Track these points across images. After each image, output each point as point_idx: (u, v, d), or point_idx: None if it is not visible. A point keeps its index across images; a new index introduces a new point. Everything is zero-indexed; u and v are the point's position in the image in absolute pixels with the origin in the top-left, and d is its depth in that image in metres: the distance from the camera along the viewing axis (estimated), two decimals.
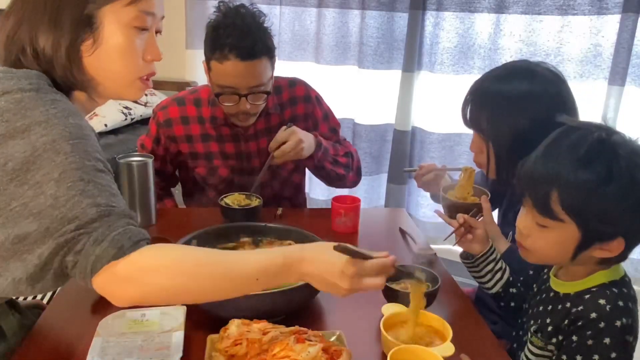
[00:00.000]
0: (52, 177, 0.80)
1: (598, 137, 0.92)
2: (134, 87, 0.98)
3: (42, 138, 0.82)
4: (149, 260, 0.82)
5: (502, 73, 1.34)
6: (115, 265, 0.80)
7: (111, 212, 0.83)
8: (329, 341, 0.97)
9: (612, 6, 2.20)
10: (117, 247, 0.80)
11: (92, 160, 0.84)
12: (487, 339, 1.11)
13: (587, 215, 0.91)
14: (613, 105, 2.23)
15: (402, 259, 1.37)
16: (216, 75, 1.54)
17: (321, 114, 1.79)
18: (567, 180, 0.91)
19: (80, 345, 1.01)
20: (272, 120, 1.71)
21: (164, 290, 0.83)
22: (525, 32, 2.38)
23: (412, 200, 2.82)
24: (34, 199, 0.80)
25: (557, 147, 0.95)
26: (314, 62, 2.77)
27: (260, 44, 1.50)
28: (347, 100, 2.75)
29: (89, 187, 0.82)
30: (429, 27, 2.55)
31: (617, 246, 0.93)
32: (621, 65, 2.18)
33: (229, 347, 0.94)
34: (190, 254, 0.87)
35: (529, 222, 0.99)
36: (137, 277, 0.81)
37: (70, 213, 0.80)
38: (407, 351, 0.94)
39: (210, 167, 1.72)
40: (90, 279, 0.81)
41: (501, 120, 1.28)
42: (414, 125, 2.72)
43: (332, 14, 2.68)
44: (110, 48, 0.92)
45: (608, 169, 0.89)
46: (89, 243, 0.80)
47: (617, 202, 0.90)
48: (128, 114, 2.84)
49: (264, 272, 0.86)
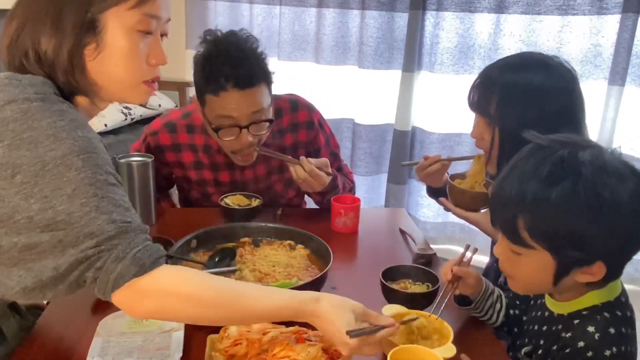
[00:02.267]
0: (65, 192, 0.80)
1: (560, 155, 0.84)
2: (138, 91, 0.97)
3: (51, 152, 0.81)
4: (169, 281, 0.85)
5: (517, 61, 1.30)
6: (136, 282, 0.82)
7: (128, 229, 0.83)
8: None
9: (612, 6, 2.20)
10: (138, 265, 0.82)
11: (104, 175, 0.84)
12: (487, 339, 1.11)
13: (557, 242, 0.84)
14: (613, 105, 2.23)
15: (402, 259, 1.37)
16: (213, 109, 1.44)
17: (323, 140, 1.73)
18: (531, 205, 0.84)
19: (80, 345, 1.01)
20: (270, 148, 1.60)
21: (179, 313, 0.87)
22: (525, 32, 2.38)
23: (412, 200, 2.83)
24: (40, 213, 0.80)
25: (520, 168, 0.87)
26: (314, 62, 2.77)
27: (258, 70, 1.43)
28: (347, 100, 2.76)
29: (103, 203, 0.82)
30: (429, 27, 2.55)
31: (599, 270, 0.86)
32: (621, 65, 2.18)
33: (229, 347, 0.94)
34: (210, 286, 0.88)
35: (504, 249, 0.92)
36: (157, 295, 0.84)
37: (86, 229, 0.80)
38: (407, 351, 0.93)
39: (204, 193, 1.68)
40: (111, 294, 0.83)
41: (510, 109, 1.24)
42: (414, 125, 2.72)
43: (332, 14, 2.69)
44: (113, 52, 0.90)
45: (573, 190, 0.81)
46: (110, 260, 0.81)
47: (587, 226, 0.82)
48: (128, 114, 2.84)
49: (277, 314, 0.90)
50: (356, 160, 2.83)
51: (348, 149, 2.85)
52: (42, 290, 0.83)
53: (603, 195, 0.80)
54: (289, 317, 0.90)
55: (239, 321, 0.94)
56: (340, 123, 2.83)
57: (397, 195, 2.78)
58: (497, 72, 1.29)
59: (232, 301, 0.88)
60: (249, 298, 0.88)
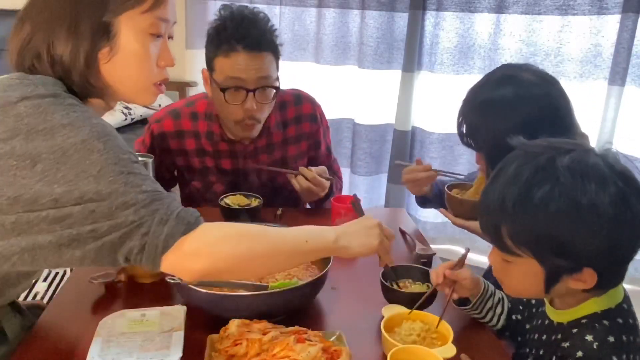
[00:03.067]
0: (90, 174, 0.82)
1: (538, 161, 0.84)
2: (148, 92, 1.00)
3: (70, 140, 0.83)
4: (214, 232, 0.89)
5: (487, 84, 1.32)
6: (184, 241, 0.84)
7: (162, 196, 0.87)
8: (329, 341, 0.97)
9: (612, 6, 2.20)
10: (184, 223, 0.85)
11: (126, 154, 0.87)
12: (487, 339, 1.11)
13: (541, 249, 0.84)
14: (613, 105, 2.23)
15: (402, 259, 1.37)
16: (222, 71, 1.49)
17: (322, 133, 1.78)
18: (511, 211, 0.83)
19: (80, 345, 1.01)
20: (274, 138, 1.67)
21: (232, 258, 0.89)
22: (525, 32, 2.38)
23: (412, 200, 2.82)
24: (65, 195, 0.81)
25: (503, 174, 0.87)
26: (314, 62, 2.77)
27: (267, 37, 1.49)
28: (347, 100, 2.76)
29: (131, 178, 0.84)
30: (429, 27, 2.55)
31: (590, 277, 0.84)
32: (621, 65, 2.18)
33: (229, 347, 0.94)
34: (249, 225, 0.98)
35: (496, 257, 0.92)
36: (206, 248, 0.86)
37: (119, 200, 0.82)
38: (407, 351, 0.94)
39: (206, 181, 1.70)
40: (161, 257, 0.84)
41: (494, 129, 1.25)
42: (414, 125, 2.72)
43: (332, 14, 2.69)
44: (126, 55, 0.93)
45: (551, 195, 0.80)
46: (154, 224, 0.83)
47: (566, 232, 0.81)
48: (128, 114, 2.84)
49: (309, 234, 0.98)
50: (356, 160, 2.83)
51: (348, 149, 2.85)
52: (71, 246, 0.83)
53: (581, 202, 0.79)
54: (321, 234, 0.99)
55: (283, 254, 0.95)
56: (340, 123, 2.83)
57: (397, 195, 2.78)
58: (472, 101, 1.32)
59: (272, 233, 0.96)
60: (284, 230, 0.99)
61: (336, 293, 1.24)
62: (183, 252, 0.84)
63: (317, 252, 1.00)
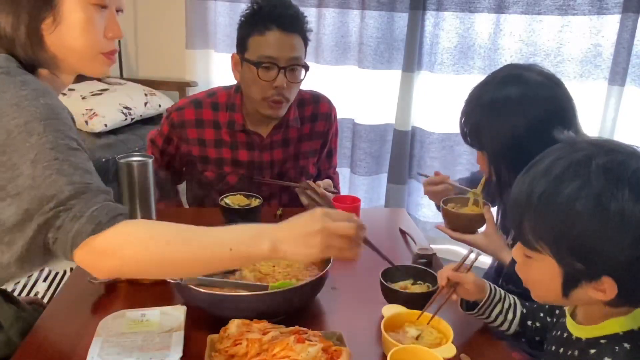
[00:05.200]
0: (29, 157, 0.84)
1: (574, 158, 0.79)
2: (97, 61, 1.00)
3: (14, 120, 0.84)
4: (124, 234, 0.86)
5: (492, 83, 1.31)
6: (93, 240, 0.84)
7: (87, 190, 0.86)
8: (329, 341, 0.97)
9: (612, 6, 2.20)
10: (95, 222, 0.84)
11: (65, 139, 0.87)
12: (486, 339, 1.11)
13: (558, 247, 0.80)
14: (613, 105, 2.23)
15: (402, 259, 1.37)
16: (256, 50, 1.56)
17: (331, 134, 1.84)
18: (535, 205, 0.80)
19: (80, 345, 1.01)
20: (290, 133, 1.73)
21: (140, 262, 0.87)
22: (525, 32, 2.38)
23: (412, 200, 2.82)
24: (12, 181, 0.84)
25: (534, 168, 0.84)
26: (314, 62, 2.77)
27: (300, 20, 1.58)
28: (347, 100, 2.75)
29: (64, 167, 0.85)
30: (429, 27, 2.55)
31: (609, 288, 0.78)
32: (621, 65, 2.18)
33: (229, 347, 0.94)
34: (165, 226, 0.89)
35: (519, 252, 0.89)
36: (114, 250, 0.85)
37: (47, 192, 0.83)
38: (407, 352, 0.94)
39: (220, 172, 1.72)
40: (70, 253, 0.85)
41: (498, 129, 1.25)
42: (414, 125, 2.72)
43: (332, 14, 2.69)
44: (70, 25, 0.94)
45: (577, 195, 0.76)
46: (67, 219, 0.84)
47: (588, 235, 0.76)
48: (128, 114, 2.84)
49: (237, 239, 0.88)
50: (356, 160, 2.83)
51: (348, 149, 2.85)
52: (18, 265, 0.87)
53: (608, 206, 0.74)
54: (250, 240, 0.87)
55: (200, 261, 0.89)
56: (340, 123, 2.80)
57: (397, 195, 2.78)
58: (476, 99, 1.31)
59: (189, 236, 0.88)
60: (206, 231, 0.90)
61: (336, 293, 1.24)
62: (93, 250, 0.84)
63: (246, 259, 0.94)
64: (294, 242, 0.87)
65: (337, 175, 1.96)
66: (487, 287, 1.09)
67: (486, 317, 1.10)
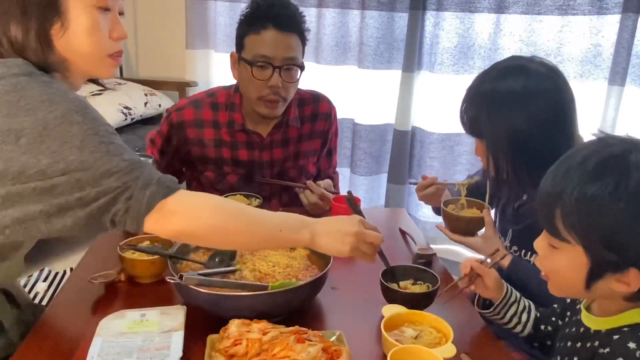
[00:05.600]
0: (73, 144, 0.88)
1: (611, 151, 0.82)
2: (104, 64, 1.05)
3: (51, 114, 0.89)
4: (193, 198, 0.96)
5: (494, 73, 1.30)
6: (165, 203, 0.92)
7: (142, 163, 0.94)
8: (329, 341, 0.97)
9: (612, 6, 2.20)
10: (165, 186, 0.93)
11: (104, 125, 0.93)
12: (486, 339, 1.11)
13: (590, 237, 0.82)
14: (613, 105, 2.24)
15: (402, 259, 1.37)
16: (252, 48, 1.56)
17: (331, 133, 1.84)
18: (570, 195, 0.82)
19: (80, 345, 1.01)
20: (290, 133, 1.73)
21: (206, 226, 0.95)
22: (525, 32, 2.39)
23: (412, 200, 2.83)
24: (51, 166, 0.87)
25: (569, 161, 0.86)
26: (314, 62, 2.77)
27: (297, 19, 1.57)
28: (347, 100, 2.76)
29: (111, 147, 0.91)
30: (429, 27, 2.56)
31: (634, 280, 0.81)
32: (621, 65, 2.18)
33: (229, 347, 0.94)
34: (228, 201, 1.02)
35: (543, 243, 0.90)
36: (185, 211, 0.94)
37: (102, 169, 0.89)
38: (407, 352, 0.94)
39: (220, 172, 1.72)
40: (144, 218, 0.91)
41: (499, 121, 1.25)
42: (414, 125, 2.72)
43: (332, 14, 2.69)
44: (77, 29, 0.99)
45: (615, 187, 0.79)
46: (137, 189, 0.90)
47: (623, 226, 0.79)
48: (128, 114, 2.84)
49: (285, 222, 1.01)
50: (356, 160, 2.83)
51: (348, 149, 2.85)
52: (62, 214, 0.89)
53: None
54: (294, 227, 1.01)
55: (255, 235, 1.00)
56: (340, 123, 2.80)
57: (397, 195, 2.78)
58: (478, 89, 1.30)
59: (248, 213, 1.00)
60: (260, 211, 1.03)
61: (336, 293, 1.24)
62: (163, 212, 0.92)
63: (290, 242, 1.06)
64: (331, 238, 1.02)
65: (336, 175, 1.96)
66: (504, 286, 1.11)
67: (501, 318, 1.12)
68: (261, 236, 1.01)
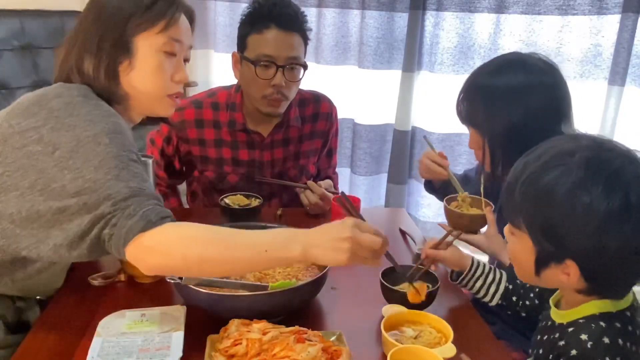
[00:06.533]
0: (93, 163, 0.95)
1: (563, 148, 0.86)
2: (163, 103, 1.16)
3: (85, 132, 0.97)
4: (171, 233, 0.94)
5: (494, 67, 1.32)
6: (143, 236, 0.92)
7: (141, 193, 0.96)
8: (329, 341, 0.97)
9: (612, 6, 2.20)
10: (145, 220, 0.92)
11: (126, 152, 0.99)
12: (486, 339, 1.11)
13: (533, 227, 0.86)
14: (613, 105, 2.24)
15: (402, 259, 1.37)
16: (255, 48, 1.56)
17: (331, 133, 1.85)
18: (521, 185, 0.87)
19: (80, 345, 1.01)
20: (291, 133, 1.73)
21: (182, 258, 0.94)
22: (525, 32, 2.39)
23: (412, 200, 2.83)
24: (72, 182, 0.94)
25: (531, 153, 0.90)
26: (314, 62, 2.77)
27: (299, 19, 1.58)
28: (347, 100, 2.75)
29: (123, 173, 0.96)
30: (429, 27, 2.55)
31: (573, 271, 0.85)
32: (621, 65, 2.18)
33: (229, 347, 0.94)
34: (207, 228, 0.98)
35: (507, 228, 0.94)
36: (161, 247, 0.93)
37: (106, 192, 0.93)
38: (407, 352, 0.94)
39: (220, 172, 1.72)
40: (124, 248, 0.92)
41: (496, 114, 1.27)
42: (414, 125, 2.72)
43: (332, 14, 2.68)
44: (143, 69, 1.10)
45: (556, 181, 0.82)
46: (123, 217, 0.93)
47: (558, 218, 0.82)
48: None
49: (271, 241, 0.95)
50: (356, 160, 2.83)
51: (348, 149, 2.85)
52: (68, 248, 0.95)
53: (580, 198, 0.80)
54: (283, 243, 0.93)
55: (239, 260, 0.95)
56: (340, 123, 2.80)
57: (397, 195, 2.78)
58: (477, 81, 1.32)
59: (230, 238, 0.95)
60: (244, 234, 0.96)
61: (336, 293, 1.24)
62: (142, 246, 0.92)
63: (280, 261, 0.98)
64: (324, 247, 0.92)
65: (336, 175, 1.96)
66: (468, 259, 1.20)
67: (470, 288, 1.20)
68: (245, 261, 0.95)
